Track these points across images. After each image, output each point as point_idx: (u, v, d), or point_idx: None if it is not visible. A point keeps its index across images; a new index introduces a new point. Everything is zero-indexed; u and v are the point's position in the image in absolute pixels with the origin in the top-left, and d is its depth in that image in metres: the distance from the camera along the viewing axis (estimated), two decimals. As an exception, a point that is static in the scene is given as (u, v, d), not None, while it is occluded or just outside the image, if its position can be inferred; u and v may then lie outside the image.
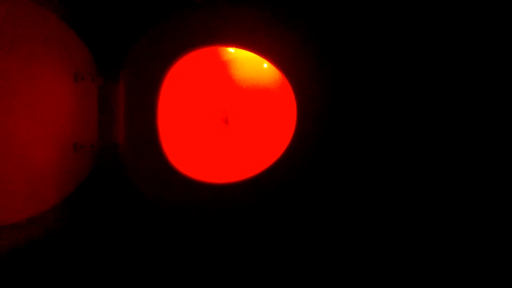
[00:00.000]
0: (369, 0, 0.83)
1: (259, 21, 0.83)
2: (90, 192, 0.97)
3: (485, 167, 0.79)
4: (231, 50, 1.04)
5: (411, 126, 0.82)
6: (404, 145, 0.82)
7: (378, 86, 0.82)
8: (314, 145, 0.81)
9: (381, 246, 0.85)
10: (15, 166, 0.76)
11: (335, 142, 0.81)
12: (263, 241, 0.90)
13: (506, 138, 0.78)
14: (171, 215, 0.95)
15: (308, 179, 0.83)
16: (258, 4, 0.84)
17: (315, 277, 0.88)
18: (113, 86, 0.93)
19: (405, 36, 0.82)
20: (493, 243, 0.79)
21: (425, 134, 0.82)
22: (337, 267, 0.87)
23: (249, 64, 1.08)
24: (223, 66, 1.08)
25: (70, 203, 0.91)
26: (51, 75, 0.83)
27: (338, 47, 0.82)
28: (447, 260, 0.81)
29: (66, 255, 0.95)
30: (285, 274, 0.89)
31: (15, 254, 0.83)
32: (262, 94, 1.09)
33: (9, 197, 0.75)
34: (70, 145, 0.87)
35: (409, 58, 0.82)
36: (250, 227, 0.90)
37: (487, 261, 0.79)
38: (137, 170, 0.93)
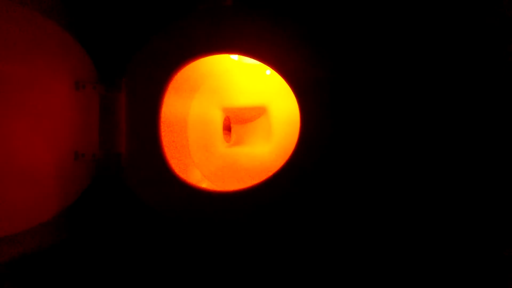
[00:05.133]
0: (372, 4, 0.83)
1: (261, 28, 0.82)
2: (91, 202, 0.96)
3: (487, 168, 0.79)
4: (234, 57, 1.04)
5: (417, 132, 0.81)
6: (410, 150, 0.81)
7: (384, 91, 0.81)
8: (319, 153, 0.80)
9: (389, 252, 0.83)
10: (15, 176, 0.75)
11: (340, 149, 0.80)
12: (266, 250, 0.89)
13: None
14: (174, 223, 0.94)
15: (313, 187, 0.81)
16: (260, 11, 0.83)
17: (321, 285, 0.86)
18: (115, 94, 0.92)
19: (409, 39, 0.82)
20: (494, 243, 0.78)
21: (433, 137, 0.81)
22: (344, 275, 0.85)
23: (252, 71, 1.08)
24: (226, 73, 1.08)
25: (71, 213, 0.90)
26: (52, 83, 0.82)
27: (343, 52, 0.81)
28: (455, 263, 0.80)
29: (67, 266, 0.94)
30: (289, 282, 0.88)
31: (14, 265, 0.82)
32: (265, 101, 1.08)
33: (8, 207, 0.74)
34: (71, 153, 0.86)
35: (415, 61, 0.81)
36: (253, 235, 0.88)
37: (487, 261, 0.78)
38: (140, 179, 0.92)
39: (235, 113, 1.15)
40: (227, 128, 1.20)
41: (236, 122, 1.17)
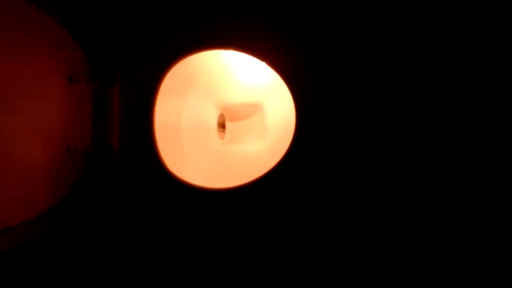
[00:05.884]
0: (364, 2, 0.83)
1: (256, 24, 0.82)
2: (83, 196, 0.95)
3: (483, 165, 0.79)
4: (228, 53, 1.03)
5: (411, 125, 0.81)
6: (405, 145, 0.81)
7: (381, 88, 0.81)
8: (313, 151, 0.80)
9: (386, 249, 0.84)
10: (7, 169, 0.75)
11: (335, 147, 0.80)
12: (259, 247, 0.89)
13: (503, 138, 0.78)
14: (167, 220, 0.93)
15: (307, 184, 0.81)
16: (254, 6, 0.83)
17: (317, 283, 0.86)
18: (109, 89, 0.92)
19: (406, 37, 0.82)
20: (493, 243, 0.78)
21: (430, 135, 0.81)
22: (340, 272, 0.85)
23: (247, 68, 1.07)
24: (220, 70, 1.07)
25: (63, 207, 0.89)
26: (45, 77, 0.82)
27: (339, 50, 0.81)
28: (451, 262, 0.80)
29: (58, 260, 0.93)
30: (284, 279, 0.88)
31: (5, 258, 0.82)
32: (260, 98, 1.08)
33: (1, 201, 0.73)
34: (63, 148, 0.86)
35: (412, 59, 0.81)
36: (247, 233, 0.88)
37: (486, 261, 0.78)
38: (132, 174, 0.91)
39: (230, 110, 1.14)
40: (222, 125, 1.19)
41: (230, 119, 1.17)
